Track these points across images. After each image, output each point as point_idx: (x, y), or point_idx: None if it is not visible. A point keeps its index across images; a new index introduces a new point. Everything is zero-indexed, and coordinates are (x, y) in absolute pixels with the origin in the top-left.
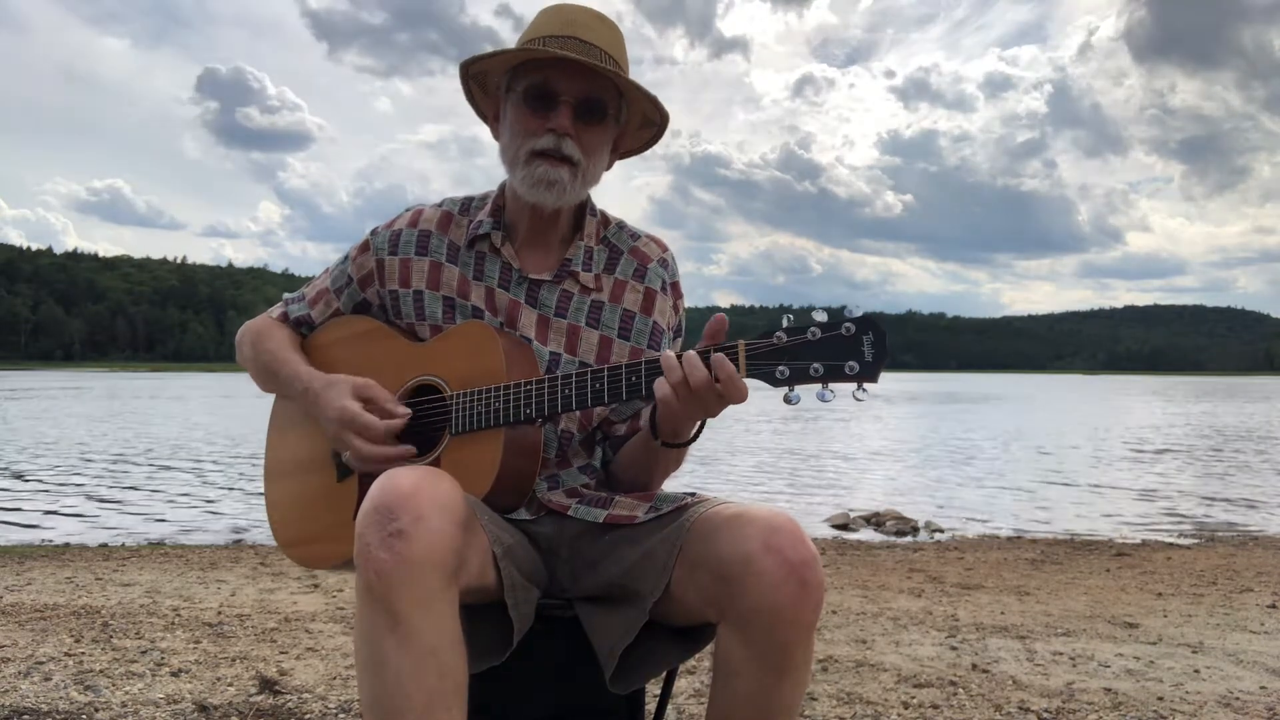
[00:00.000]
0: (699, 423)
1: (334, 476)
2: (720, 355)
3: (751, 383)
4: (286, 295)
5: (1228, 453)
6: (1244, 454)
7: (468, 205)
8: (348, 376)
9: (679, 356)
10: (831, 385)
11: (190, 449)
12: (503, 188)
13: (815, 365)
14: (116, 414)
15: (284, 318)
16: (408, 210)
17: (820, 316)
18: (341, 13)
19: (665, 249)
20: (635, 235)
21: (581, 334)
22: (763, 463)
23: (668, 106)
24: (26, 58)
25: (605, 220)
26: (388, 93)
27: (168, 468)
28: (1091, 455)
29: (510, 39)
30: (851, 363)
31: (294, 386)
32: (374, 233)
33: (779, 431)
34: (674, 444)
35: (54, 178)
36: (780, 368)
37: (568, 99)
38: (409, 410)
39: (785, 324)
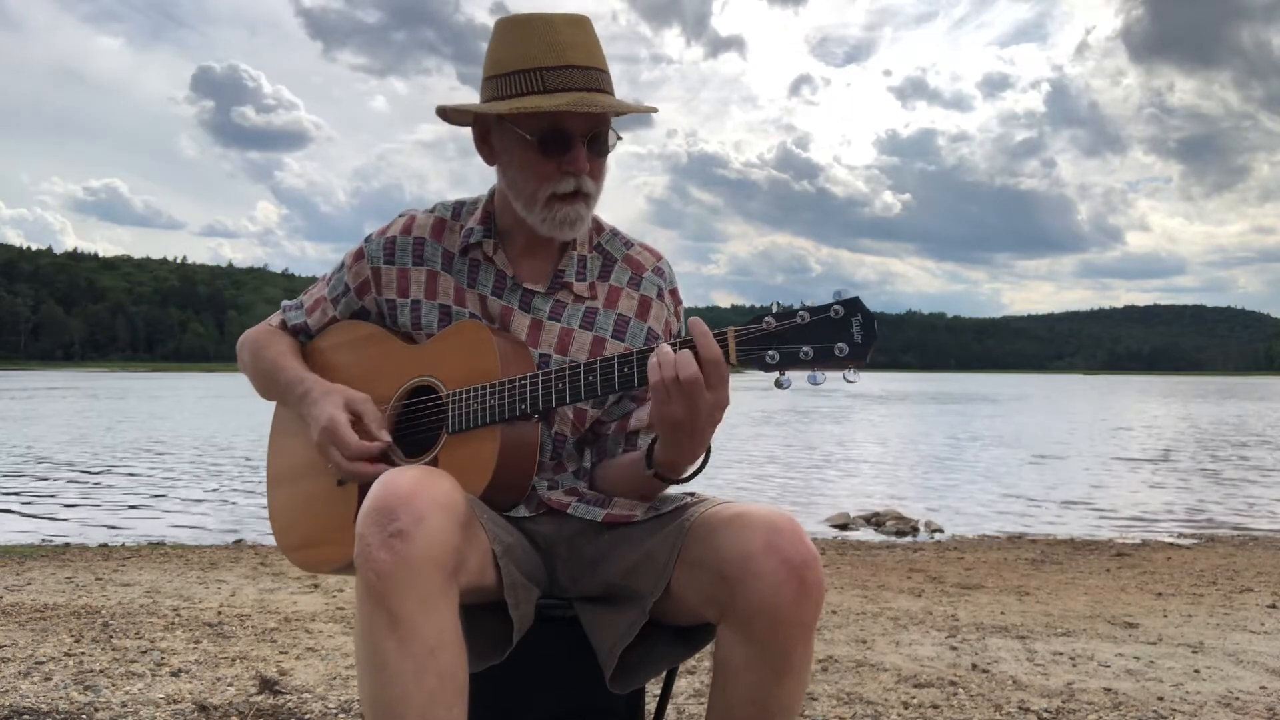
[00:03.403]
0: (697, 462)
1: (334, 480)
2: (706, 336)
3: (746, 379)
4: (285, 303)
5: (1228, 453)
6: (1244, 454)
7: (459, 210)
8: (345, 388)
9: (674, 347)
10: (822, 369)
11: (191, 449)
12: (493, 194)
13: (805, 349)
14: (115, 414)
15: (282, 325)
16: (401, 216)
17: (810, 302)
18: (336, 11)
19: (660, 258)
20: (629, 244)
21: (574, 335)
22: (762, 462)
23: (664, 105)
24: (21, 56)
25: (599, 227)
26: (384, 91)
27: (167, 468)
28: (1092, 455)
29: None
30: (841, 344)
31: (294, 390)
32: (368, 240)
33: (779, 431)
34: (668, 478)
35: (50, 177)
36: (770, 352)
37: (580, 137)
38: (389, 439)
39: (774, 309)
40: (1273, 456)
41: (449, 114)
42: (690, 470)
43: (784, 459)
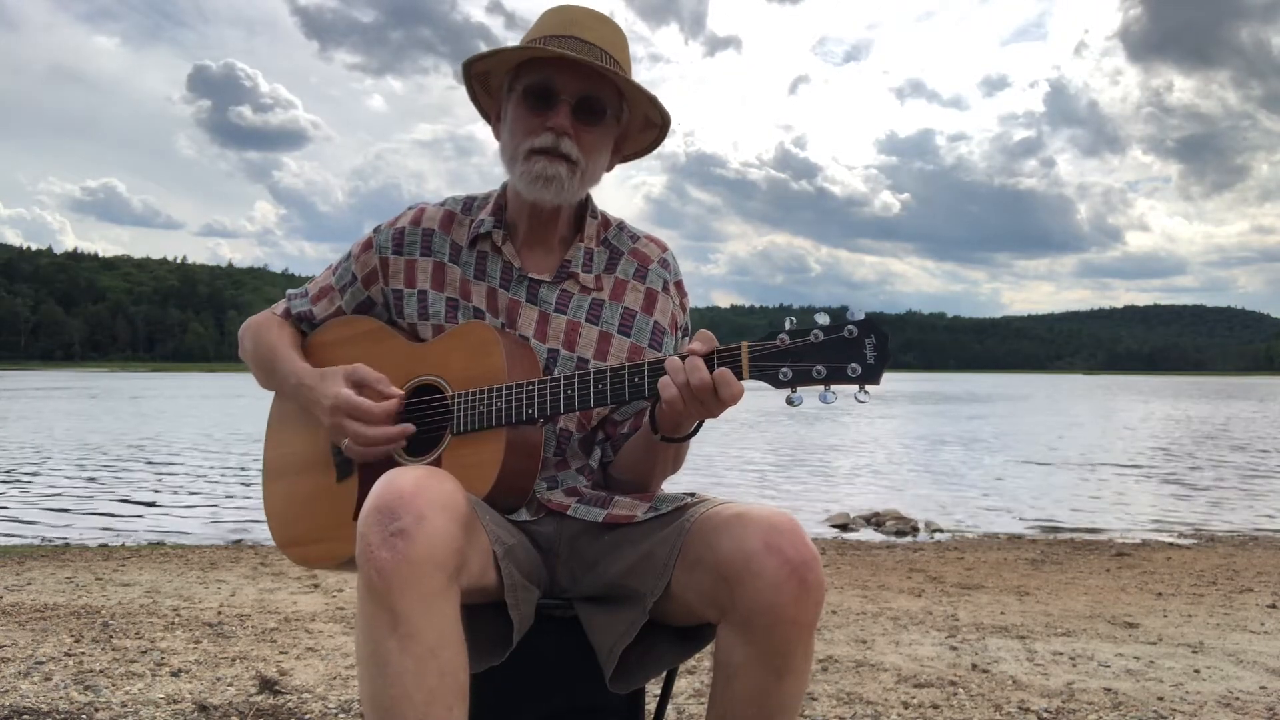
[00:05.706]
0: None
1: (334, 476)
2: (722, 367)
3: (754, 384)
4: (290, 291)
5: (1227, 453)
6: (1243, 454)
7: (469, 204)
8: (340, 366)
9: (682, 359)
10: (834, 387)
11: (191, 448)
12: (505, 187)
13: (818, 367)
14: (115, 414)
15: (286, 314)
16: (410, 208)
17: (822, 319)
18: (332, 10)
19: (665, 249)
20: (635, 236)
21: (581, 330)
22: (763, 462)
23: (663, 105)
24: (17, 55)
25: (605, 222)
26: (380, 91)
27: (168, 467)
28: (1092, 455)
29: (503, 35)
30: (854, 365)
31: (288, 381)
32: (377, 230)
33: (779, 431)
34: (673, 438)
35: (48, 177)
36: (783, 369)
37: (566, 98)
38: (401, 391)
39: (788, 326)
40: (1273, 456)
41: (477, 99)
42: (692, 428)
43: (783, 459)
